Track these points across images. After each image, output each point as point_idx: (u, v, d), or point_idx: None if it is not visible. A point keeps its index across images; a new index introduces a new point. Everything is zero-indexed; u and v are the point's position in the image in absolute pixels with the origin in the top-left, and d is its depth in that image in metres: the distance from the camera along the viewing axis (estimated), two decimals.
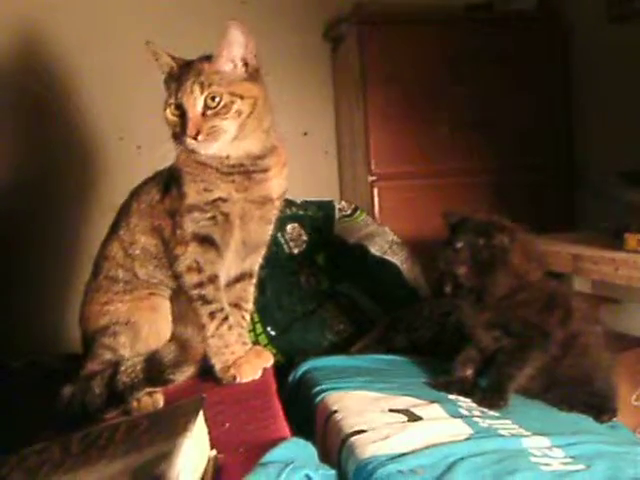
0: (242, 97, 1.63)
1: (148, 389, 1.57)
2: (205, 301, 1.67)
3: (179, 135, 1.62)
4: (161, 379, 1.55)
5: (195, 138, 1.59)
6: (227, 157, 1.67)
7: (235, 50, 1.64)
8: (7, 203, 2.94)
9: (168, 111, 1.64)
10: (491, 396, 1.59)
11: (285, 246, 2.54)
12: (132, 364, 1.59)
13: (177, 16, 3.12)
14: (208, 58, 1.64)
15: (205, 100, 1.60)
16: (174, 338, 1.68)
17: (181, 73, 1.63)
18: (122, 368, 1.58)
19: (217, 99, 1.60)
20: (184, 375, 1.58)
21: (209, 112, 1.60)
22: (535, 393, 1.67)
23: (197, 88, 1.60)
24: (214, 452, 1.21)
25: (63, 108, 3.09)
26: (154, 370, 1.55)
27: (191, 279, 1.67)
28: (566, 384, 1.66)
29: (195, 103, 1.60)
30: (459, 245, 1.61)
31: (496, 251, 1.59)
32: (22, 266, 3.02)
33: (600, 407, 1.63)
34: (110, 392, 1.57)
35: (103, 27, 3.08)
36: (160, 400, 1.59)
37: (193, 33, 2.82)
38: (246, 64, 1.66)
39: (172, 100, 1.63)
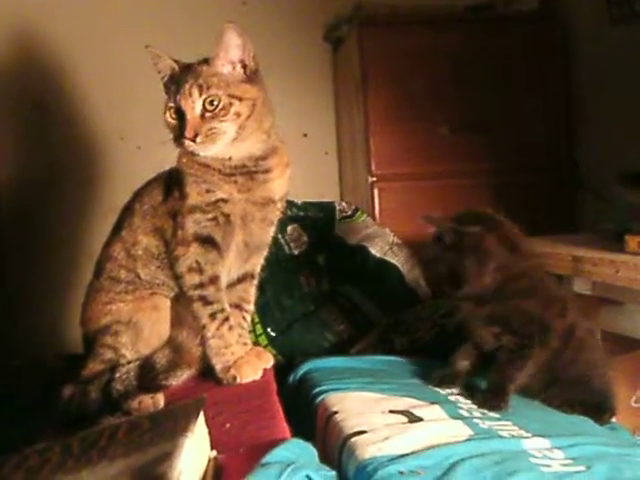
0: (240, 99, 1.64)
1: (142, 396, 1.57)
2: (206, 302, 1.67)
3: (178, 137, 1.62)
4: (154, 385, 1.56)
5: (193, 140, 1.60)
6: (229, 158, 1.68)
7: (232, 52, 1.65)
8: (8, 203, 2.95)
9: (167, 114, 1.65)
10: (492, 397, 1.59)
11: (285, 247, 2.53)
12: (126, 371, 1.60)
13: (177, 18, 3.12)
14: (206, 61, 1.65)
15: (203, 103, 1.61)
16: (169, 341, 1.68)
17: (180, 76, 1.64)
18: (117, 375, 1.60)
19: (215, 102, 1.61)
20: (178, 379, 1.59)
21: (207, 114, 1.61)
22: (535, 391, 1.68)
23: (195, 91, 1.60)
24: (214, 453, 1.22)
25: (63, 108, 3.10)
26: (147, 377, 1.55)
27: (192, 280, 1.68)
28: (565, 381, 1.66)
29: (194, 106, 1.61)
30: (435, 233, 1.63)
31: (469, 239, 1.59)
32: (22, 265, 3.02)
33: (599, 406, 1.64)
34: (105, 398, 1.57)
35: (103, 28, 3.08)
36: (161, 401, 1.59)
37: (194, 34, 2.83)
38: (244, 66, 1.67)
39: (171, 103, 1.63)
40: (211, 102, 1.61)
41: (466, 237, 1.60)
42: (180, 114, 1.62)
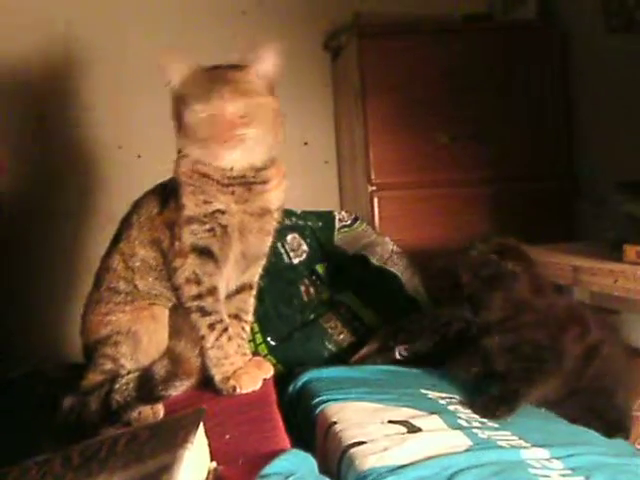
0: (266, 109, 1.68)
1: (141, 407, 1.57)
2: (204, 313, 1.68)
3: (206, 141, 1.64)
4: (153, 396, 1.55)
5: (224, 144, 1.62)
6: (230, 169, 1.69)
7: (267, 67, 1.70)
8: (7, 212, 2.94)
9: (193, 116, 1.64)
10: (497, 408, 1.58)
11: (285, 256, 2.54)
12: (125, 382, 1.59)
13: (177, 26, 3.11)
14: (239, 67, 1.68)
15: (236, 108, 1.62)
16: (168, 352, 1.68)
17: (209, 79, 1.65)
18: (116, 386, 1.59)
19: (247, 108, 1.63)
20: (177, 390, 1.58)
21: (238, 120, 1.62)
22: (553, 403, 1.67)
23: (230, 95, 1.62)
24: (214, 464, 1.21)
25: (62, 117, 3.10)
26: (146, 388, 1.55)
27: (190, 291, 1.68)
28: (587, 392, 1.66)
29: (227, 110, 1.62)
30: (473, 252, 1.62)
31: (503, 273, 1.60)
32: (21, 275, 3.02)
33: (616, 423, 1.63)
34: (105, 409, 1.57)
35: (102, 37, 3.08)
36: (160, 411, 1.59)
37: (193, 43, 2.84)
38: (270, 80, 1.71)
39: (199, 106, 1.63)
40: (242, 107, 1.63)
41: (502, 272, 1.60)
42: (210, 118, 1.63)
